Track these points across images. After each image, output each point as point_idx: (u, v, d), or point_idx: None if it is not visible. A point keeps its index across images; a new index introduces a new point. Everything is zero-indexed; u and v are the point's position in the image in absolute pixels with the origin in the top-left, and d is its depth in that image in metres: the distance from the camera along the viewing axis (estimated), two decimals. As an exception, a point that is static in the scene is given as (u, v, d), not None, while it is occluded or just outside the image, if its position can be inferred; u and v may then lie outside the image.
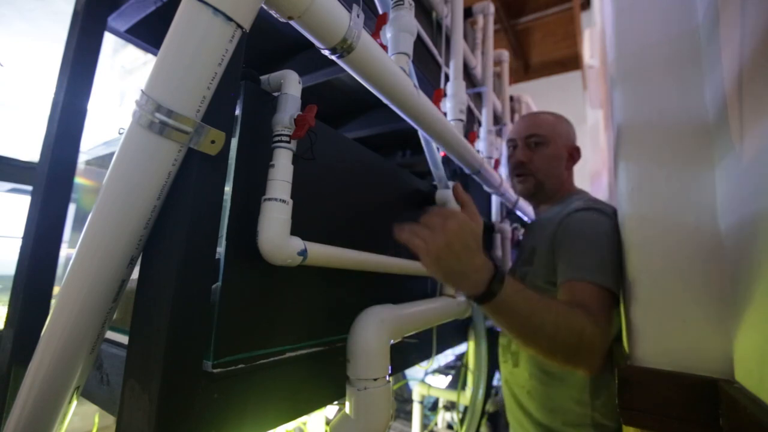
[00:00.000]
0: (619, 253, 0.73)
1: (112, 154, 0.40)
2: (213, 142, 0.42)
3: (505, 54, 1.96)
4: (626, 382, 0.59)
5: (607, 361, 0.79)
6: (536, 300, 0.59)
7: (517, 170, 1.02)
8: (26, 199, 0.65)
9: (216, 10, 0.38)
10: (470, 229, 0.55)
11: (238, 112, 0.50)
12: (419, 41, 1.07)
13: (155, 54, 0.40)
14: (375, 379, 0.60)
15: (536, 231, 1.00)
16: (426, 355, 1.00)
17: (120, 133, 0.40)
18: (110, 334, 0.59)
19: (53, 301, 0.61)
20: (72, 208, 0.68)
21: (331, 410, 1.12)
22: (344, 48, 0.53)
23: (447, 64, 1.13)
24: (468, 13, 1.64)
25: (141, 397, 0.40)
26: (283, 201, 0.50)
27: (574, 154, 1.00)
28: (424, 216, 0.56)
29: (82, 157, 0.73)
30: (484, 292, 0.55)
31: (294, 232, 0.52)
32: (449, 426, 1.85)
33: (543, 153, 0.98)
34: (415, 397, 1.82)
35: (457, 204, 0.94)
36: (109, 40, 0.76)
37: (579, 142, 1.05)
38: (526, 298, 0.58)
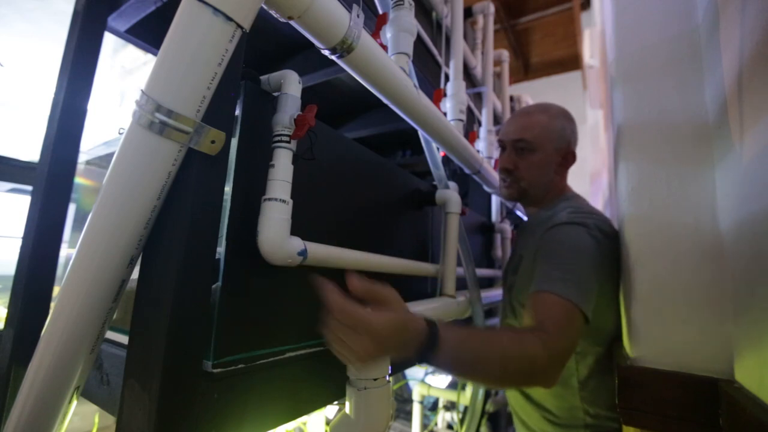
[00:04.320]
0: (593, 266, 0.71)
1: (112, 154, 0.40)
2: (213, 142, 0.42)
3: (505, 54, 1.96)
4: (626, 382, 0.59)
5: (596, 366, 0.80)
6: (478, 345, 0.57)
7: (502, 175, 0.97)
8: (26, 199, 0.65)
9: (216, 10, 0.38)
10: (394, 322, 0.50)
11: (238, 112, 0.50)
12: (419, 41, 1.07)
13: (155, 54, 0.40)
14: (375, 379, 0.60)
15: (524, 236, 0.97)
16: (426, 355, 1.00)
17: (120, 133, 0.40)
18: (110, 334, 0.59)
19: (53, 301, 0.61)
20: (72, 208, 0.68)
21: (331, 410, 1.12)
22: (344, 48, 0.53)
23: (447, 64, 1.13)
24: (468, 13, 1.64)
25: (141, 397, 0.40)
26: (283, 201, 0.50)
27: (568, 158, 0.93)
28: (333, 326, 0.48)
29: (82, 157, 0.73)
30: (420, 357, 0.53)
31: (294, 232, 0.52)
32: (449, 426, 1.85)
33: (529, 160, 0.92)
34: (415, 397, 1.82)
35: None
36: (109, 40, 0.76)
37: (579, 142, 1.00)
38: (466, 348, 0.57)
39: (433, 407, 1.99)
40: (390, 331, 0.49)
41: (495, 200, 1.65)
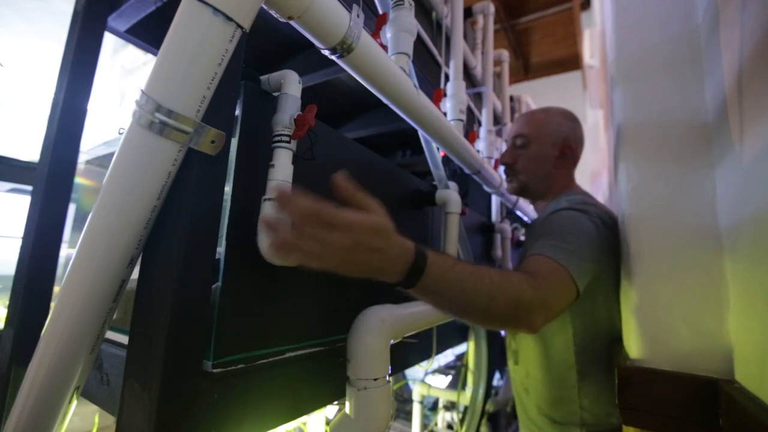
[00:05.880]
0: (590, 246, 0.72)
1: (112, 154, 0.40)
2: (213, 142, 0.42)
3: (505, 54, 1.96)
4: (626, 382, 0.59)
5: (596, 362, 0.81)
6: (467, 275, 0.54)
7: (505, 171, 1.05)
8: (26, 199, 0.65)
9: (216, 10, 0.38)
10: (375, 222, 0.44)
11: (238, 112, 0.50)
12: (419, 41, 1.06)
13: (155, 54, 0.40)
14: (375, 379, 0.60)
15: (531, 231, 1.02)
16: (426, 355, 1.00)
17: (120, 133, 0.40)
18: (110, 334, 0.59)
19: (53, 301, 0.61)
20: (72, 208, 0.68)
21: (331, 410, 1.12)
22: (344, 48, 0.53)
23: (447, 64, 1.13)
24: (468, 13, 1.64)
25: (141, 397, 0.40)
26: (283, 201, 0.50)
27: (565, 152, 0.95)
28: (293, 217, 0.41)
29: (82, 157, 0.73)
30: (406, 279, 0.48)
31: (294, 232, 0.52)
32: (449, 426, 1.85)
33: (526, 154, 0.97)
34: (415, 397, 1.82)
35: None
36: (109, 40, 0.76)
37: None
38: (455, 276, 0.53)
39: (433, 407, 1.99)
40: (370, 232, 0.43)
41: (495, 200, 1.65)
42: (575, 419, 0.81)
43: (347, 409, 0.60)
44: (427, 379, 1.87)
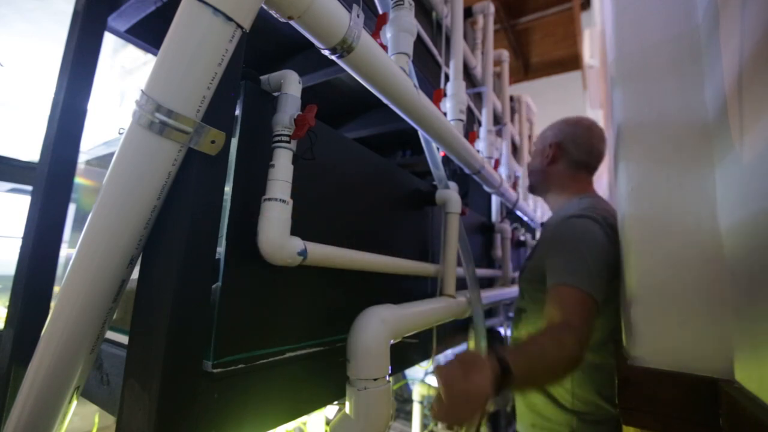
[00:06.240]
0: (605, 258, 0.77)
1: (112, 154, 0.40)
2: (213, 142, 0.42)
3: (505, 54, 1.96)
4: (627, 382, 0.59)
5: (589, 357, 0.83)
6: (535, 359, 0.65)
7: None
8: (26, 199, 0.65)
9: (216, 10, 0.38)
10: (489, 381, 0.56)
11: (238, 112, 0.50)
12: (419, 41, 1.07)
13: (155, 54, 0.40)
14: (375, 379, 0.60)
15: (545, 231, 1.06)
16: (426, 355, 1.00)
17: (120, 133, 0.40)
18: (110, 334, 0.59)
19: (53, 301, 0.61)
20: (72, 208, 0.68)
21: (331, 410, 1.12)
22: (344, 48, 0.53)
23: (447, 64, 1.13)
24: (468, 13, 1.64)
25: (141, 397, 0.40)
26: (283, 201, 0.50)
27: (549, 152, 1.03)
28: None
29: (82, 157, 0.73)
30: (498, 390, 0.59)
31: (294, 232, 0.52)
32: (449, 426, 1.85)
33: (531, 160, 1.15)
34: (415, 397, 1.82)
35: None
36: (109, 40, 0.76)
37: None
38: (528, 367, 0.63)
39: (433, 407, 1.99)
40: (491, 388, 0.55)
41: (495, 200, 1.65)
42: (567, 405, 0.85)
43: (347, 409, 0.60)
44: (427, 379, 1.87)
